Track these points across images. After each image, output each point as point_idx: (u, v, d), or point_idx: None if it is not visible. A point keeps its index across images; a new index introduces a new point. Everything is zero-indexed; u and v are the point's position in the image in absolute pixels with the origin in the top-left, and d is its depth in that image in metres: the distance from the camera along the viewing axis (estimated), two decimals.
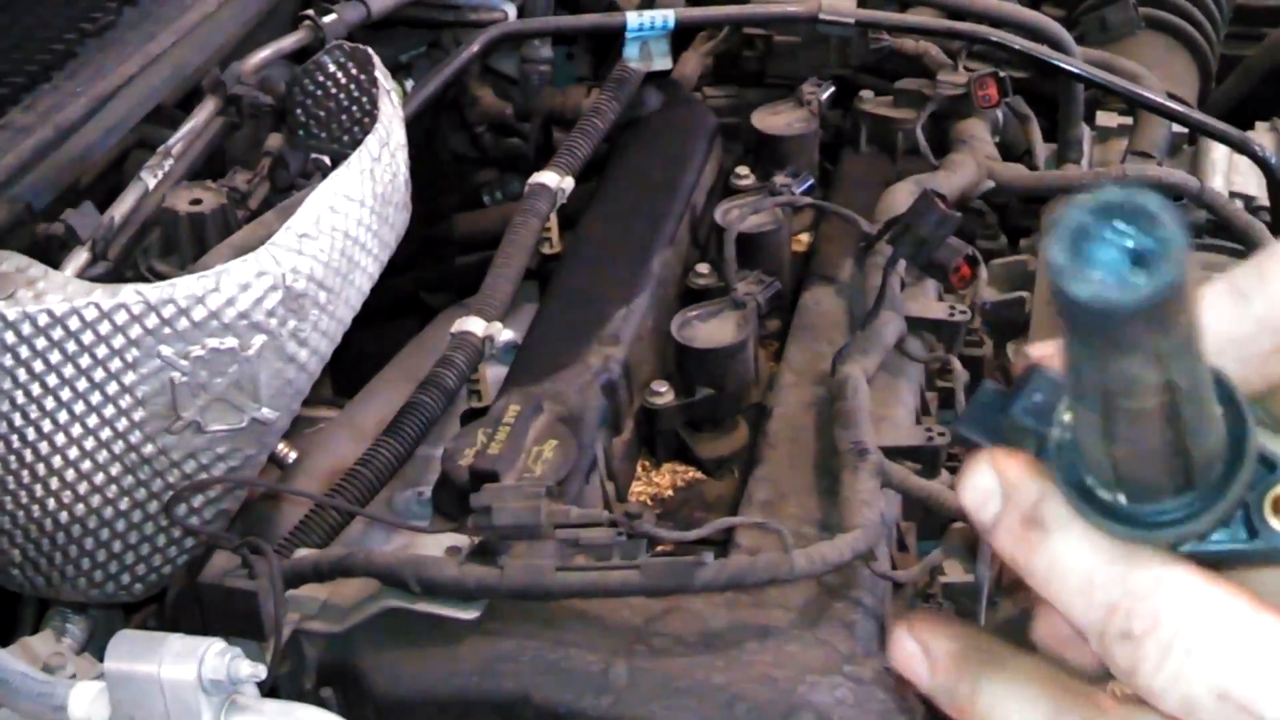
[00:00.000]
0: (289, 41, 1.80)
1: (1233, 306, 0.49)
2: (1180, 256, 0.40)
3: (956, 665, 0.50)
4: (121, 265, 1.48)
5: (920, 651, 0.51)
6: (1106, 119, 2.19)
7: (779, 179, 1.84)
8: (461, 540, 1.33)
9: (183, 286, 1.31)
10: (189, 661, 1.07)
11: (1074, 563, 0.47)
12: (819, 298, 1.77)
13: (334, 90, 1.66)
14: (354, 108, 1.66)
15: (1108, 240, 0.40)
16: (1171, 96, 2.08)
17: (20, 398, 1.30)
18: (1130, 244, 0.40)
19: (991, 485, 0.48)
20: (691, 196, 1.87)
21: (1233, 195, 2.07)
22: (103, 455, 1.33)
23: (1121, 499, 0.47)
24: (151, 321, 1.30)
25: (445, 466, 1.43)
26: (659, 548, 1.37)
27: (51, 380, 1.30)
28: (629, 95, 2.01)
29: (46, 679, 1.15)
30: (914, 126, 1.96)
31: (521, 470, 1.39)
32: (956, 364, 1.70)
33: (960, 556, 1.47)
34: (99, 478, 1.34)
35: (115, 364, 1.30)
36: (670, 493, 1.60)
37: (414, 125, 1.80)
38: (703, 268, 1.76)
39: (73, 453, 1.32)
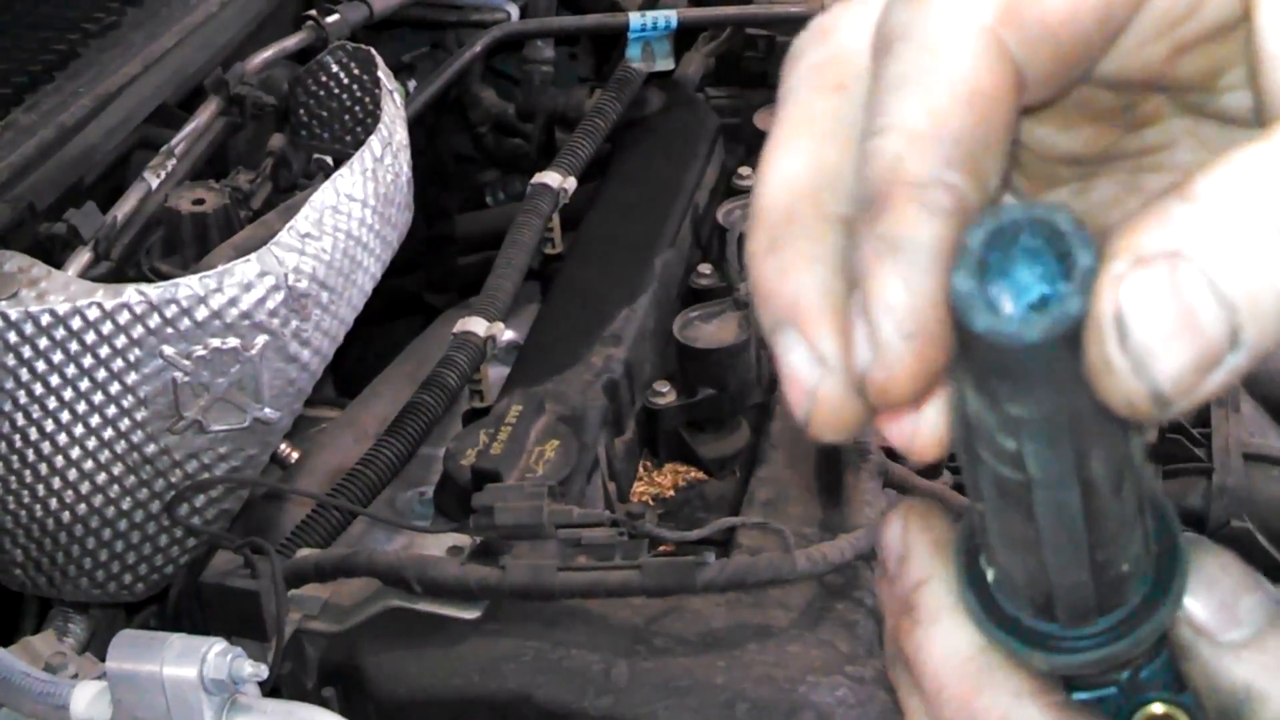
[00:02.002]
0: (292, 41, 1.81)
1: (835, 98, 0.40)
2: (1087, 283, 0.34)
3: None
4: (124, 265, 1.49)
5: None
6: None
7: None
8: (463, 540, 1.33)
9: (185, 286, 1.31)
10: (191, 661, 1.07)
11: (931, 665, 0.42)
12: None
13: (336, 90, 1.66)
14: (356, 108, 1.66)
15: (1018, 268, 0.35)
16: None
17: (23, 397, 1.30)
18: (1040, 272, 0.35)
19: (895, 544, 0.43)
20: (694, 197, 1.87)
21: None
22: (105, 455, 1.33)
23: (1025, 609, 0.41)
24: (154, 321, 1.30)
25: (447, 466, 1.43)
26: (660, 548, 1.37)
27: (54, 380, 1.30)
28: (631, 95, 2.01)
29: (49, 678, 1.15)
30: None
31: (523, 470, 1.39)
32: None
33: None
34: (101, 477, 1.34)
35: (118, 363, 1.30)
36: (672, 493, 1.60)
37: (416, 125, 1.80)
38: (705, 268, 1.76)
39: (75, 452, 1.32)
